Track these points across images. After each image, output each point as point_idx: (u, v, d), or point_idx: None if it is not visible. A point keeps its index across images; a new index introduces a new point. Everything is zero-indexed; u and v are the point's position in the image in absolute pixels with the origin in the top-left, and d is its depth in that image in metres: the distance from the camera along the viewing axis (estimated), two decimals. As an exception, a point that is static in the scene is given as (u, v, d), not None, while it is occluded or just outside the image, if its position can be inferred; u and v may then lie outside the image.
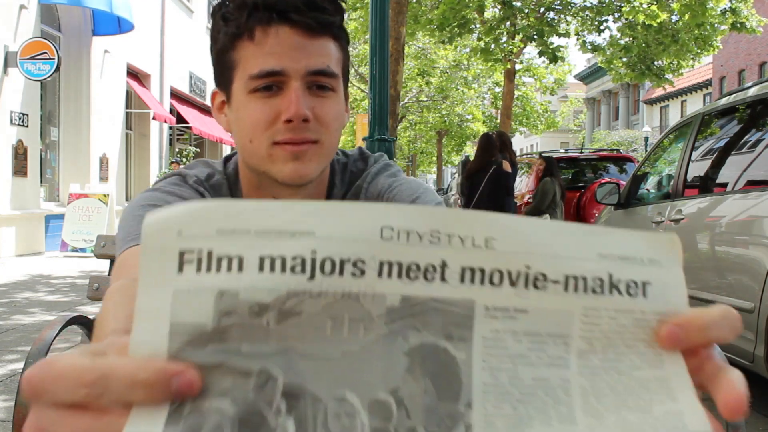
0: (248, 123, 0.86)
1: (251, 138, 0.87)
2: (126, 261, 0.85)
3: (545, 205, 6.96)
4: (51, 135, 11.44)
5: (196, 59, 17.66)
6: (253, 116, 0.85)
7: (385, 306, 0.35)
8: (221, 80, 0.91)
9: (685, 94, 35.71)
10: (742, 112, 3.93)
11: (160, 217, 0.34)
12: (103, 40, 12.06)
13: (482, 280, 0.36)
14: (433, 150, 32.57)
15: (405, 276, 0.35)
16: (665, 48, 11.67)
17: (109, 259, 1.82)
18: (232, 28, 0.85)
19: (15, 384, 3.27)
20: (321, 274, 0.34)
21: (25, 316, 5.23)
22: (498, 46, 12.04)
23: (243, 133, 0.88)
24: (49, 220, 10.61)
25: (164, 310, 0.34)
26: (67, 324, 1.50)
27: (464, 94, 22.97)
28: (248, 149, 0.88)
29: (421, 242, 0.35)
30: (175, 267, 0.34)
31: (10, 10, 9.52)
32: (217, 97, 0.94)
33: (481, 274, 0.36)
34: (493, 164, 6.19)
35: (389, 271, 0.35)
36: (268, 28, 0.83)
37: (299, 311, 0.34)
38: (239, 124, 0.88)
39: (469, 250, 0.36)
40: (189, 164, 1.04)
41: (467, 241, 0.36)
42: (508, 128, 13.87)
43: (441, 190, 22.98)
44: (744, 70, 29.67)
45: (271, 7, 0.82)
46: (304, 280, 0.34)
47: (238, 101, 0.88)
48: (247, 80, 0.85)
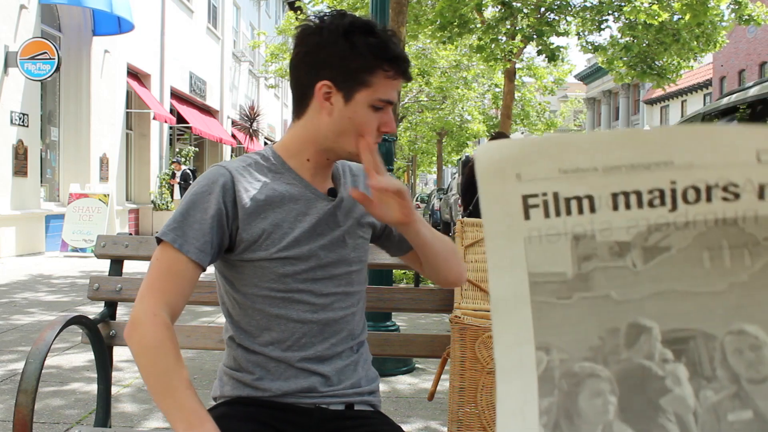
0: (362, 124, 1.23)
1: (360, 132, 1.23)
2: (163, 261, 1.21)
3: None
4: (51, 135, 11.44)
5: (196, 59, 17.65)
6: (368, 123, 1.24)
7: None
8: (342, 81, 1.22)
9: (685, 94, 35.70)
10: (743, 112, 3.93)
11: (493, 158, 0.33)
12: (103, 40, 12.05)
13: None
14: (433, 150, 32.55)
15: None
16: (666, 47, 11.66)
17: (109, 259, 1.82)
18: (377, 60, 1.21)
19: (15, 384, 3.27)
20: (684, 203, 0.32)
21: (25, 316, 5.23)
22: (498, 46, 12.03)
23: (353, 128, 1.23)
24: (49, 220, 10.61)
25: (519, 261, 0.32)
26: (67, 324, 1.50)
27: (464, 95, 22.95)
28: (352, 139, 1.24)
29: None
30: (521, 214, 0.33)
31: (10, 10, 9.52)
32: (325, 88, 1.23)
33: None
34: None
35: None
36: (397, 75, 1.24)
37: (667, 246, 0.32)
38: (351, 121, 1.23)
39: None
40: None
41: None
42: (508, 128, 13.86)
43: (441, 190, 22.95)
44: (744, 70, 29.66)
45: (401, 62, 1.24)
46: (665, 212, 0.32)
47: (357, 106, 1.23)
48: (374, 99, 1.23)
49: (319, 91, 1.23)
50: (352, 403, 1.31)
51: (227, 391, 1.31)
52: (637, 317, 0.31)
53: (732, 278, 0.31)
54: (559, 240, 0.32)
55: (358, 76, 1.21)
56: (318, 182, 1.31)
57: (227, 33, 20.74)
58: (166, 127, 15.84)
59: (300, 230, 1.26)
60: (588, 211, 0.32)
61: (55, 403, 3.11)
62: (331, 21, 1.23)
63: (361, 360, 1.36)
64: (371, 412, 1.35)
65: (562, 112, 29.92)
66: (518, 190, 0.32)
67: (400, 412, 3.10)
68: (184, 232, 1.20)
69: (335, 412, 1.29)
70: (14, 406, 1.33)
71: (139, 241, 1.80)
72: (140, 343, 1.14)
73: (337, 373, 1.30)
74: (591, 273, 0.32)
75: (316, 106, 1.25)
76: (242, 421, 1.24)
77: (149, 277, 1.20)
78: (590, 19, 12.15)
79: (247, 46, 22.80)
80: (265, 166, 1.29)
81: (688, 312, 0.31)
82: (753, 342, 0.31)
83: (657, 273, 0.32)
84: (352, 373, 1.32)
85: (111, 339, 1.75)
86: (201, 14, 18.28)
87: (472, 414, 1.42)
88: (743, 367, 0.31)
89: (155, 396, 1.11)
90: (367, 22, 1.24)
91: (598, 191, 0.32)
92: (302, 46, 1.25)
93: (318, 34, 1.23)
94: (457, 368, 1.43)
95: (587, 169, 0.32)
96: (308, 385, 1.27)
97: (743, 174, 0.32)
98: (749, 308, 0.31)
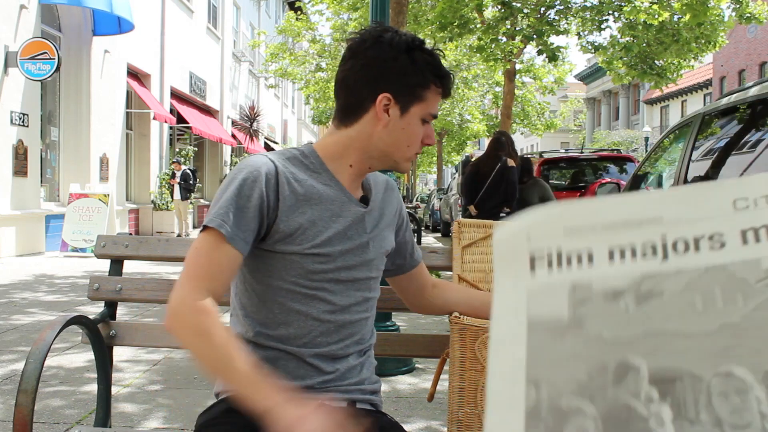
0: (411, 136, 1.33)
1: (409, 144, 1.34)
2: (206, 249, 1.21)
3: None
4: (51, 135, 11.44)
5: (196, 59, 17.65)
6: (417, 135, 1.34)
7: (763, 269, 0.34)
8: (401, 95, 1.30)
9: (685, 94, 35.70)
10: (743, 112, 3.93)
11: (509, 228, 0.37)
12: (103, 40, 12.05)
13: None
14: (433, 150, 32.56)
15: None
16: (666, 47, 11.65)
17: (109, 259, 1.82)
18: (433, 77, 1.31)
19: (15, 384, 3.27)
20: (674, 253, 0.35)
21: (25, 316, 5.23)
22: (498, 46, 12.03)
23: (404, 139, 1.33)
24: (50, 220, 10.61)
25: (521, 307, 0.36)
26: (67, 324, 1.50)
27: (464, 95, 22.96)
28: (401, 149, 1.34)
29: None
30: (527, 268, 0.36)
31: (10, 10, 9.52)
32: (385, 100, 1.30)
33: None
34: (499, 161, 6.44)
35: (756, 236, 0.35)
36: (444, 92, 1.35)
37: (660, 291, 0.34)
38: (404, 133, 1.32)
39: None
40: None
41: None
42: (508, 128, 13.86)
43: (441, 190, 22.95)
44: (744, 70, 29.66)
45: (449, 80, 1.35)
46: (656, 263, 0.35)
47: (411, 119, 1.31)
48: (426, 114, 1.32)
49: (380, 103, 1.30)
50: (354, 401, 1.32)
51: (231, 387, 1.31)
52: (626, 356, 0.33)
53: (724, 319, 0.33)
54: (558, 288, 0.35)
55: (416, 91, 1.30)
56: (353, 188, 1.36)
57: (227, 33, 20.74)
58: (166, 127, 15.84)
59: (333, 230, 1.29)
60: (586, 262, 0.35)
61: (55, 403, 3.11)
62: (390, 36, 1.30)
63: (367, 363, 1.38)
64: (373, 411, 1.35)
65: (562, 112, 29.90)
66: (527, 249, 0.36)
67: (400, 413, 3.11)
68: (232, 220, 1.21)
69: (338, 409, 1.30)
70: (14, 406, 1.33)
71: (139, 241, 1.80)
72: (184, 333, 1.16)
73: (343, 372, 1.31)
74: (585, 316, 0.35)
75: (372, 116, 1.31)
76: (249, 416, 1.24)
77: (191, 264, 1.21)
78: (590, 19, 12.15)
79: (247, 46, 22.80)
80: (303, 163, 1.32)
81: (677, 352, 0.32)
82: (739, 386, 0.31)
83: (649, 314, 0.33)
84: (357, 374, 1.34)
85: (111, 339, 1.75)
86: (201, 14, 18.28)
87: (473, 414, 1.41)
88: (727, 412, 0.31)
89: (220, 380, 1.14)
90: (421, 39, 1.34)
91: (596, 245, 0.36)
92: (358, 58, 1.31)
93: (378, 48, 1.29)
94: (456, 368, 1.43)
95: (587, 227, 0.36)
96: (313, 382, 1.28)
97: (725, 223, 0.35)
98: (739, 349, 0.32)
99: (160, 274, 7.04)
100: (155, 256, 1.79)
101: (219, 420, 1.26)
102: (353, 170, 1.35)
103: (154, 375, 3.65)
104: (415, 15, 12.63)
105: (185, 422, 2.88)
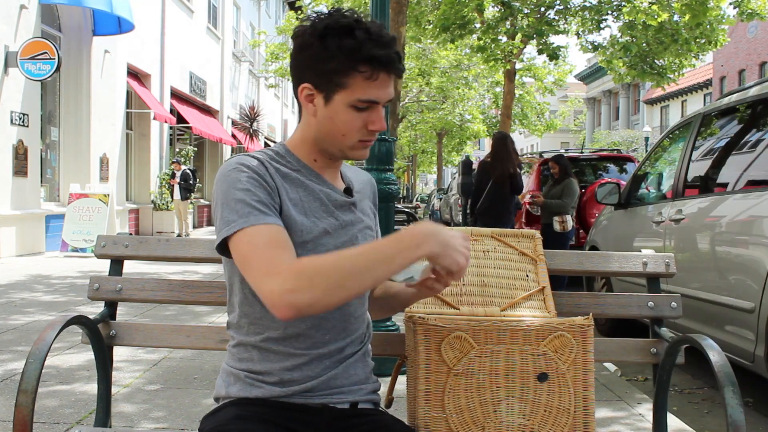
0: (343, 125, 1.25)
1: (344, 133, 1.25)
2: (258, 239, 1.16)
3: (571, 205, 6.98)
4: (51, 135, 11.44)
5: (196, 59, 17.64)
6: (350, 123, 1.25)
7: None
8: (320, 84, 1.23)
9: (685, 94, 35.69)
10: (743, 112, 3.93)
11: None
12: (103, 40, 12.05)
13: None
14: (434, 150, 32.57)
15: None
16: (666, 47, 11.64)
17: (109, 259, 1.82)
18: (351, 62, 1.19)
19: (15, 384, 3.27)
20: None
21: (25, 316, 5.23)
22: (498, 46, 12.03)
23: (335, 128, 1.25)
24: (49, 220, 10.61)
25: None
26: (67, 324, 1.50)
27: (464, 95, 22.96)
28: (336, 139, 1.27)
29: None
30: None
31: (11, 10, 9.52)
32: (307, 90, 1.25)
33: None
34: (510, 166, 6.36)
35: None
36: (378, 73, 1.21)
37: None
38: (332, 122, 1.25)
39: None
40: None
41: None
42: (508, 128, 13.87)
43: (441, 190, 22.97)
44: (744, 70, 29.65)
45: (383, 61, 1.20)
46: None
47: (337, 107, 1.23)
48: (354, 100, 1.22)
49: (302, 93, 1.27)
50: (356, 402, 1.32)
51: (234, 392, 1.29)
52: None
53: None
54: None
55: (333, 78, 1.22)
56: (333, 180, 1.35)
57: (227, 33, 20.74)
58: (166, 127, 15.84)
59: (326, 224, 1.28)
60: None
61: (55, 403, 3.11)
62: (312, 22, 1.23)
63: (366, 359, 1.38)
64: (375, 410, 1.35)
65: (562, 113, 29.88)
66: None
67: (399, 413, 3.10)
68: (254, 207, 1.19)
69: (342, 410, 1.30)
70: (14, 406, 1.33)
71: (139, 241, 1.80)
72: (318, 284, 1.09)
73: (345, 370, 1.31)
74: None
75: (304, 107, 1.29)
76: (258, 423, 1.23)
77: (256, 258, 1.14)
78: (590, 19, 12.15)
79: (247, 45, 22.80)
80: (282, 161, 1.30)
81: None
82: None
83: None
84: (358, 372, 1.34)
85: (111, 339, 1.75)
86: (201, 14, 18.28)
87: (439, 419, 1.36)
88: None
89: (372, 272, 1.11)
90: (349, 22, 1.21)
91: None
92: (293, 48, 1.28)
93: (301, 36, 1.25)
94: (421, 371, 1.37)
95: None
96: (317, 383, 1.27)
97: None
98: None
99: (160, 274, 7.04)
100: (155, 256, 1.78)
101: (228, 427, 1.22)
102: (320, 164, 1.33)
103: (153, 375, 3.65)
104: (416, 17, 12.63)
105: (185, 422, 2.88)
